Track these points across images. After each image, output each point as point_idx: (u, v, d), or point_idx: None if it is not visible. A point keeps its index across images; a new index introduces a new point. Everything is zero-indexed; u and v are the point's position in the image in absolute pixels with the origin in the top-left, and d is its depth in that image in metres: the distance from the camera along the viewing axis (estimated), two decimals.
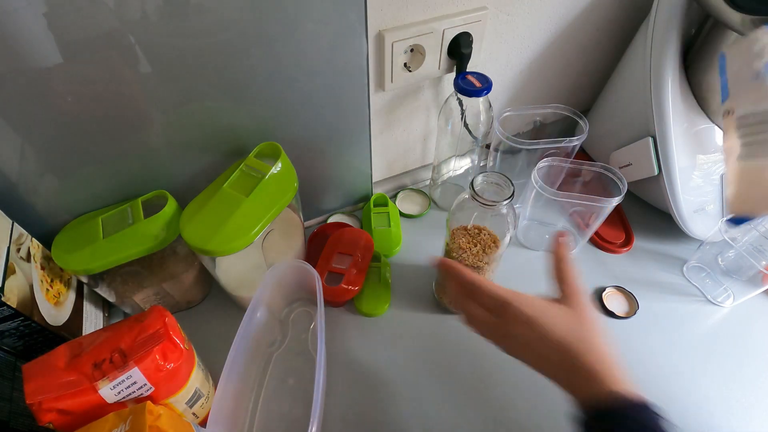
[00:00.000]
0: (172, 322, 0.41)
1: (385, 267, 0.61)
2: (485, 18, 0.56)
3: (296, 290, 0.56)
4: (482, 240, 0.49)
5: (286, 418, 0.48)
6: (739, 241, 0.56)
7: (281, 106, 0.50)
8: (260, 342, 0.52)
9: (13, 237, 0.42)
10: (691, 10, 0.55)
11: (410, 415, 0.49)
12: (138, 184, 0.49)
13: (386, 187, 0.73)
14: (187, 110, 0.45)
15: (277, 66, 0.46)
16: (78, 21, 0.35)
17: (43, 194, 0.46)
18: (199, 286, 0.57)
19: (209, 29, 0.40)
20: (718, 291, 0.59)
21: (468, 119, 0.58)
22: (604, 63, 0.74)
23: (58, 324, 0.45)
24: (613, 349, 0.35)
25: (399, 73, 0.56)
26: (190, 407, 0.43)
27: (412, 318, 0.57)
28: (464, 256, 0.49)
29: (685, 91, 0.57)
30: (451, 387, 0.51)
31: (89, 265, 0.45)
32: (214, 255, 0.46)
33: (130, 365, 0.36)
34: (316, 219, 0.69)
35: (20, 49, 0.35)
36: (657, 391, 0.50)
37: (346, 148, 0.60)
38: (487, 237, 0.49)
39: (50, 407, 0.35)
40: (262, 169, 0.47)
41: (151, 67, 0.40)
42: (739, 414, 0.49)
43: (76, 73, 0.38)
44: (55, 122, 0.40)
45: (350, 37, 0.47)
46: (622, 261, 0.64)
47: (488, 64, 0.64)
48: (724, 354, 0.54)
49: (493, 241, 0.49)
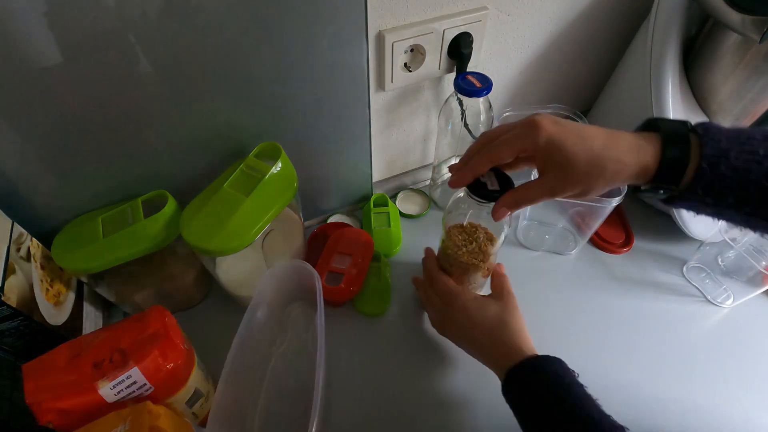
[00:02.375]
0: (172, 322, 0.41)
1: (385, 267, 0.61)
2: (485, 18, 0.56)
3: (296, 290, 0.56)
4: (477, 238, 0.49)
5: (286, 418, 0.48)
6: (739, 242, 0.56)
7: (281, 106, 0.50)
8: (260, 342, 0.52)
9: (13, 236, 0.42)
10: (691, 10, 0.55)
11: (410, 415, 0.49)
12: (138, 184, 0.49)
13: (386, 187, 0.73)
14: (187, 110, 0.45)
15: (278, 66, 0.46)
16: (78, 21, 0.35)
17: (43, 194, 0.46)
18: (199, 286, 0.57)
19: (209, 29, 0.40)
20: (718, 291, 0.59)
21: (468, 119, 0.58)
22: (604, 63, 0.74)
23: (58, 323, 0.45)
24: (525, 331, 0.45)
25: (399, 73, 0.56)
26: (190, 407, 0.43)
27: (412, 318, 0.57)
28: (459, 253, 0.49)
29: (685, 91, 0.57)
30: (451, 387, 0.51)
31: (89, 265, 0.45)
32: (214, 255, 0.46)
33: (130, 365, 0.36)
34: (316, 219, 0.69)
35: (20, 49, 0.35)
36: (657, 391, 0.51)
37: (346, 148, 0.60)
38: (483, 235, 0.49)
39: (50, 407, 0.35)
40: (262, 169, 0.47)
41: (151, 67, 0.40)
42: (740, 414, 0.49)
43: (77, 72, 0.38)
44: (55, 122, 0.40)
45: (350, 37, 0.47)
46: (622, 261, 0.64)
47: (488, 64, 0.64)
48: (724, 354, 0.54)
49: (488, 239, 0.49)
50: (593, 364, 0.52)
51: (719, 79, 0.55)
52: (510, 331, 0.44)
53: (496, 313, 0.46)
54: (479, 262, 0.49)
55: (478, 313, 0.46)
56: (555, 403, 0.36)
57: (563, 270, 0.63)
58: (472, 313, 0.46)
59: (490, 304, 0.47)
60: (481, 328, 0.45)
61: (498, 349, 0.43)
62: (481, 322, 0.45)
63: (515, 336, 0.44)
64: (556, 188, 0.35)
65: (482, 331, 0.45)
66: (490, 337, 0.44)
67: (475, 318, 0.46)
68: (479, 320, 0.46)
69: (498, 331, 0.44)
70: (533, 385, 0.38)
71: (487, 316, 0.46)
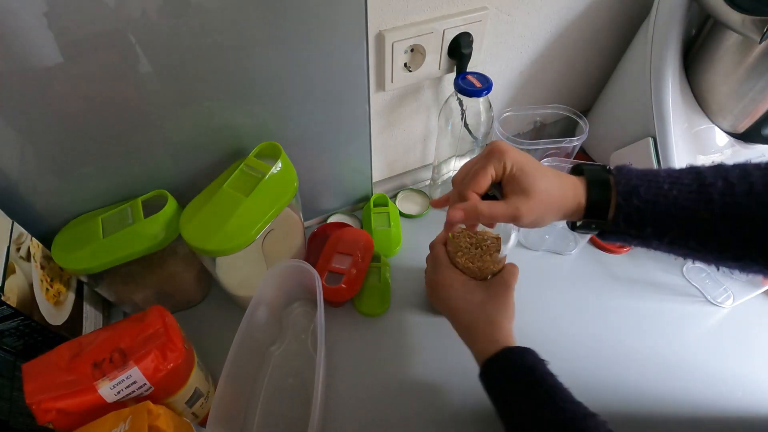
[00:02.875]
0: (171, 322, 0.41)
1: (385, 267, 0.61)
2: (485, 18, 0.56)
3: (296, 290, 0.56)
4: (484, 242, 0.49)
5: (286, 418, 0.48)
6: None
7: (281, 106, 0.50)
8: (260, 342, 0.52)
9: (13, 236, 0.42)
10: (691, 10, 0.55)
11: (410, 415, 0.49)
12: (138, 184, 0.49)
13: (386, 187, 0.73)
14: (187, 110, 0.45)
15: (278, 66, 0.46)
16: (78, 21, 0.35)
17: (43, 194, 0.46)
18: (199, 286, 0.57)
19: (209, 29, 0.40)
20: (718, 291, 0.59)
21: (468, 119, 0.58)
22: (604, 63, 0.74)
23: (57, 323, 0.45)
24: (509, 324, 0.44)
25: (399, 73, 0.56)
26: (190, 407, 0.43)
27: (411, 318, 0.57)
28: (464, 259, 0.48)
29: (685, 91, 0.57)
30: (451, 387, 0.51)
31: (89, 265, 0.45)
32: (214, 255, 0.46)
33: (129, 365, 0.36)
34: (316, 219, 0.69)
35: (20, 49, 0.35)
36: (657, 391, 0.51)
37: (346, 148, 0.60)
38: (489, 239, 0.49)
39: (50, 407, 0.35)
40: (262, 169, 0.47)
41: (151, 67, 0.40)
42: (739, 414, 0.49)
43: (77, 72, 0.38)
44: (55, 122, 0.40)
45: (350, 37, 0.47)
46: (622, 261, 0.64)
47: (488, 64, 0.64)
48: (724, 354, 0.54)
49: (494, 243, 0.49)
50: (593, 364, 0.53)
51: (719, 79, 0.55)
52: (488, 320, 0.44)
53: (480, 300, 0.46)
54: (486, 267, 0.48)
55: (461, 295, 0.46)
56: (526, 394, 0.38)
57: (563, 270, 0.63)
58: (455, 293, 0.47)
59: (477, 290, 0.47)
60: (462, 312, 0.46)
61: (475, 336, 0.44)
62: (463, 306, 0.46)
63: (492, 326, 0.44)
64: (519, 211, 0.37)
65: (460, 319, 0.46)
66: (469, 323, 0.45)
67: (458, 300, 0.46)
68: (461, 304, 0.46)
69: (477, 319, 0.45)
70: (505, 378, 0.40)
71: (470, 300, 0.46)
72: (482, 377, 0.42)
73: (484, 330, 0.44)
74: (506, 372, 0.40)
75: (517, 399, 0.38)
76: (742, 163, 0.35)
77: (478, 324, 0.44)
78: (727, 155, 0.59)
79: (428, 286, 0.52)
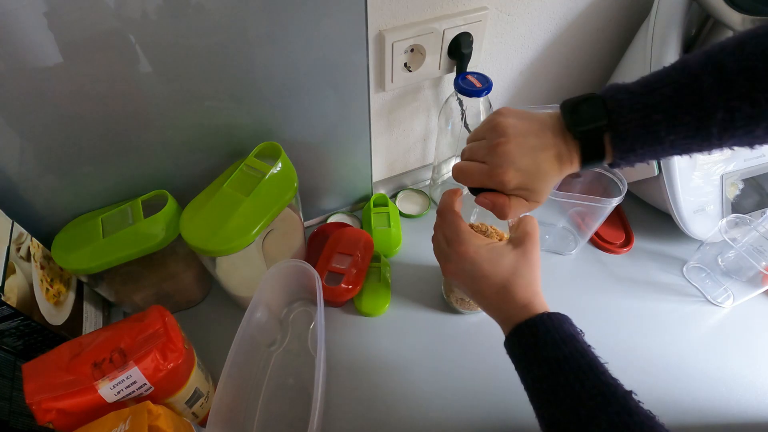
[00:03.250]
0: (171, 322, 0.41)
1: (385, 267, 0.61)
2: (485, 18, 0.56)
3: (296, 290, 0.56)
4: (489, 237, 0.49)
5: (286, 418, 0.48)
6: (739, 242, 0.56)
7: (281, 106, 0.50)
8: (260, 342, 0.52)
9: (13, 236, 0.42)
10: (691, 10, 0.55)
11: (410, 415, 0.49)
12: (138, 184, 0.49)
13: (386, 187, 0.73)
14: (188, 110, 0.45)
15: (278, 66, 0.46)
16: (78, 21, 0.35)
17: (43, 194, 0.46)
18: (199, 286, 0.57)
19: (209, 29, 0.40)
20: (718, 291, 0.59)
21: (468, 119, 0.58)
22: (605, 63, 0.74)
23: (57, 323, 0.45)
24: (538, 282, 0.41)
25: (399, 73, 0.56)
26: (190, 407, 0.43)
27: (411, 318, 0.57)
28: None
29: None
30: (451, 387, 0.51)
31: (89, 265, 0.45)
32: (214, 255, 0.46)
33: (129, 365, 0.36)
34: (316, 219, 0.69)
35: (20, 49, 0.35)
36: (657, 391, 0.51)
37: (346, 148, 0.60)
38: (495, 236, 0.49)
39: (50, 407, 0.35)
40: (262, 169, 0.47)
41: (151, 67, 0.40)
42: (739, 414, 0.49)
43: (77, 72, 0.38)
44: (55, 122, 0.41)
45: (350, 36, 0.47)
46: (622, 261, 0.64)
47: (488, 64, 0.64)
48: (724, 354, 0.54)
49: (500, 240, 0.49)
50: None
51: None
52: (522, 284, 0.40)
53: (510, 264, 0.41)
54: None
55: (490, 265, 0.41)
56: (566, 362, 0.35)
57: (563, 270, 0.63)
58: (481, 264, 0.41)
59: (507, 253, 0.42)
60: (490, 281, 0.41)
61: (506, 304, 0.40)
62: (492, 273, 0.41)
63: (526, 290, 0.40)
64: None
65: (490, 285, 0.41)
66: (499, 291, 0.41)
67: (485, 269, 0.41)
68: (490, 272, 0.41)
69: (510, 285, 0.40)
70: (542, 344, 0.37)
71: (501, 268, 0.41)
72: (513, 341, 0.39)
73: (516, 296, 0.40)
74: (545, 337, 0.37)
75: (560, 366, 0.35)
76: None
77: (512, 292, 0.40)
78: (727, 155, 0.59)
79: (448, 262, 0.44)
